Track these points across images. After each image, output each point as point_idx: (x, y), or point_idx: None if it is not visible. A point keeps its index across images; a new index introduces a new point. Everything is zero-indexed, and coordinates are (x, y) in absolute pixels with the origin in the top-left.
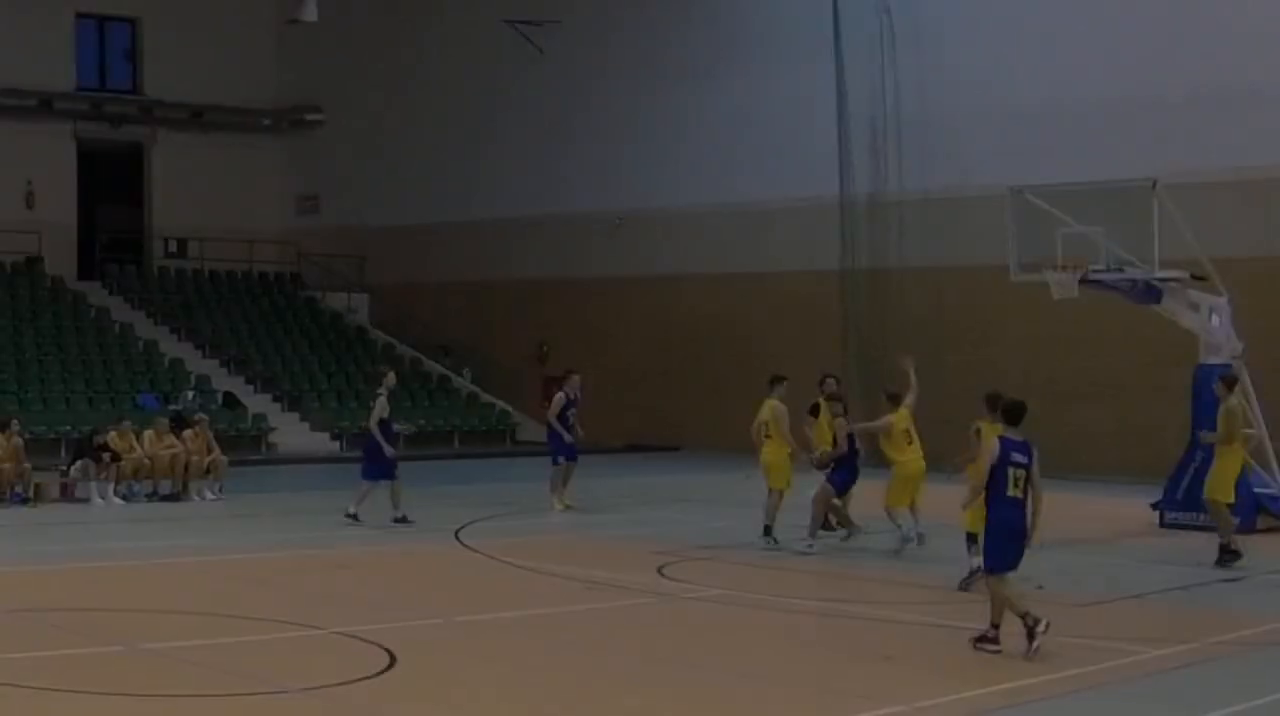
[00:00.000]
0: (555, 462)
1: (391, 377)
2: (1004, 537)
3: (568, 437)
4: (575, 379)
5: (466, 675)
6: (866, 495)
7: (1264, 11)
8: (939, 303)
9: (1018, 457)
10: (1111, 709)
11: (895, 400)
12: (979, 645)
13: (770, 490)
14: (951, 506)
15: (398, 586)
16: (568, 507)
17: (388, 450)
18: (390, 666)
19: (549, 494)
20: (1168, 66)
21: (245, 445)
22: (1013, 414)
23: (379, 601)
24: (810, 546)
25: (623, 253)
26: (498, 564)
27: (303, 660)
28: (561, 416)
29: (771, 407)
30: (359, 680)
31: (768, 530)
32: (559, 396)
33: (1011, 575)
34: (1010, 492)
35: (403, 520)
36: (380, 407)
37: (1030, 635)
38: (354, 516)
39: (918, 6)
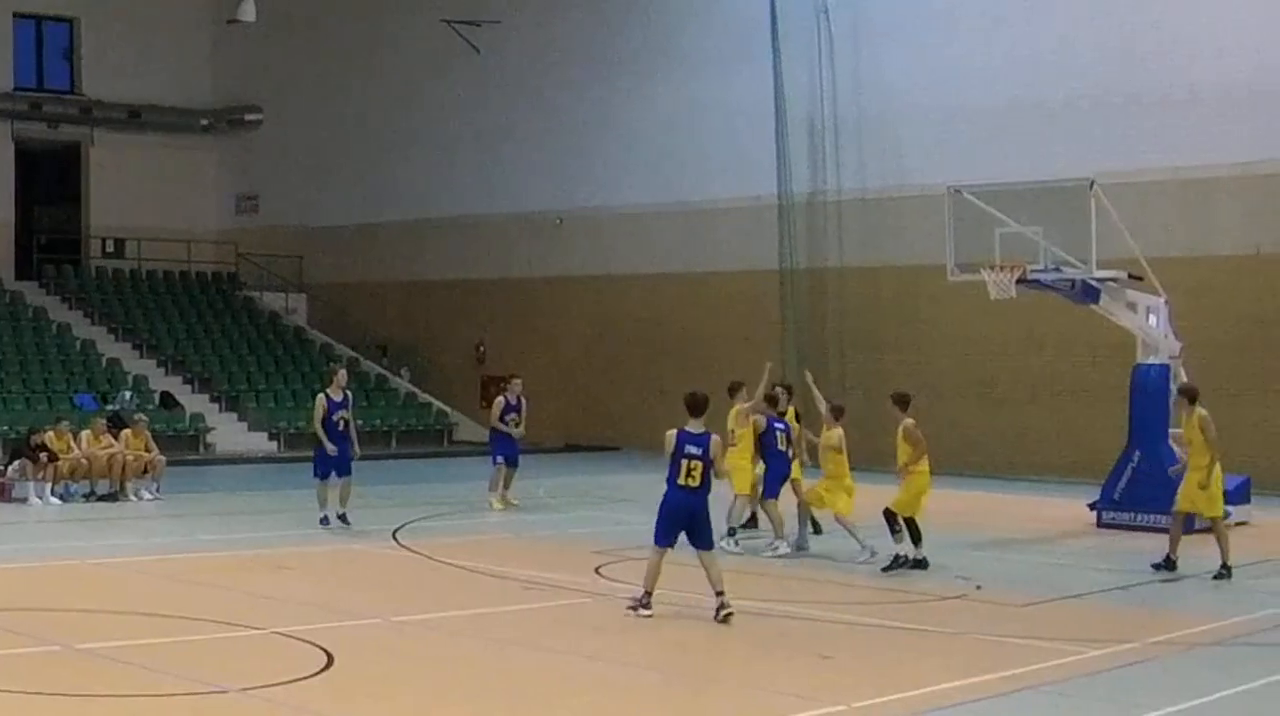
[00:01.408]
0: (494, 463)
1: (341, 375)
2: (666, 517)
3: (515, 434)
4: (516, 383)
5: (404, 675)
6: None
7: (1202, 14)
8: (877, 302)
9: (692, 450)
10: (1051, 709)
11: (838, 413)
12: (631, 610)
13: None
14: (883, 504)
15: (335, 586)
16: (507, 506)
17: (329, 447)
18: (328, 666)
19: (488, 493)
20: (1105, 67)
21: (183, 445)
22: (693, 407)
23: (317, 601)
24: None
25: (562, 252)
26: (435, 564)
27: (241, 660)
28: (501, 419)
29: (735, 414)
30: (297, 680)
31: (731, 531)
32: (499, 400)
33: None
34: (681, 481)
35: (341, 518)
36: (318, 405)
37: (639, 603)
38: (324, 520)
39: (856, 8)
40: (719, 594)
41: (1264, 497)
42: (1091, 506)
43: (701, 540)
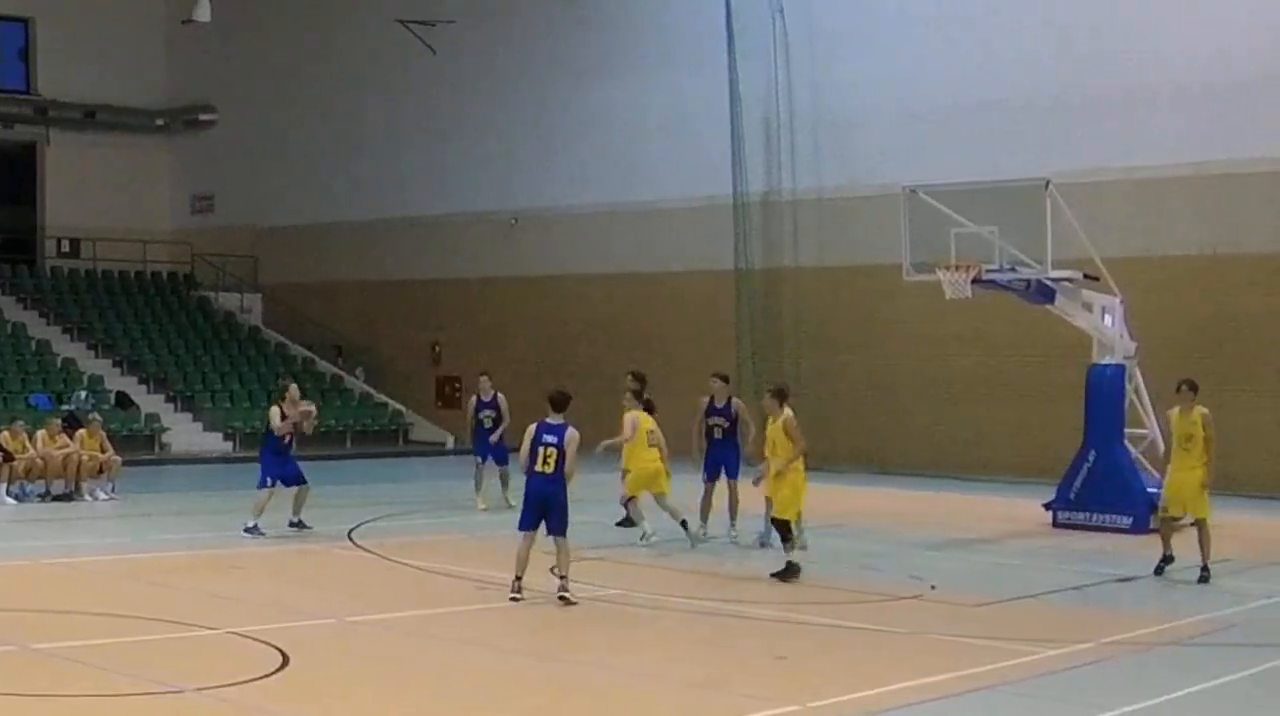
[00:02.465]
0: (477, 462)
1: (293, 389)
2: (526, 503)
3: (493, 437)
4: (483, 381)
5: (359, 675)
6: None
7: (1157, 15)
8: (832, 302)
9: (548, 438)
10: (1007, 709)
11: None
12: (512, 600)
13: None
14: (839, 503)
15: (291, 586)
16: (490, 505)
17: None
18: (283, 666)
19: (473, 492)
20: (1061, 68)
21: (138, 445)
22: (555, 403)
23: (272, 601)
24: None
25: (517, 252)
26: (390, 564)
27: (196, 660)
28: (476, 417)
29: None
30: (252, 680)
31: (684, 524)
32: (472, 399)
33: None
34: (538, 468)
35: (298, 525)
36: (272, 416)
37: (512, 589)
38: (297, 524)
39: (811, 8)
40: (561, 577)
41: (1219, 498)
42: (1047, 506)
43: (554, 525)
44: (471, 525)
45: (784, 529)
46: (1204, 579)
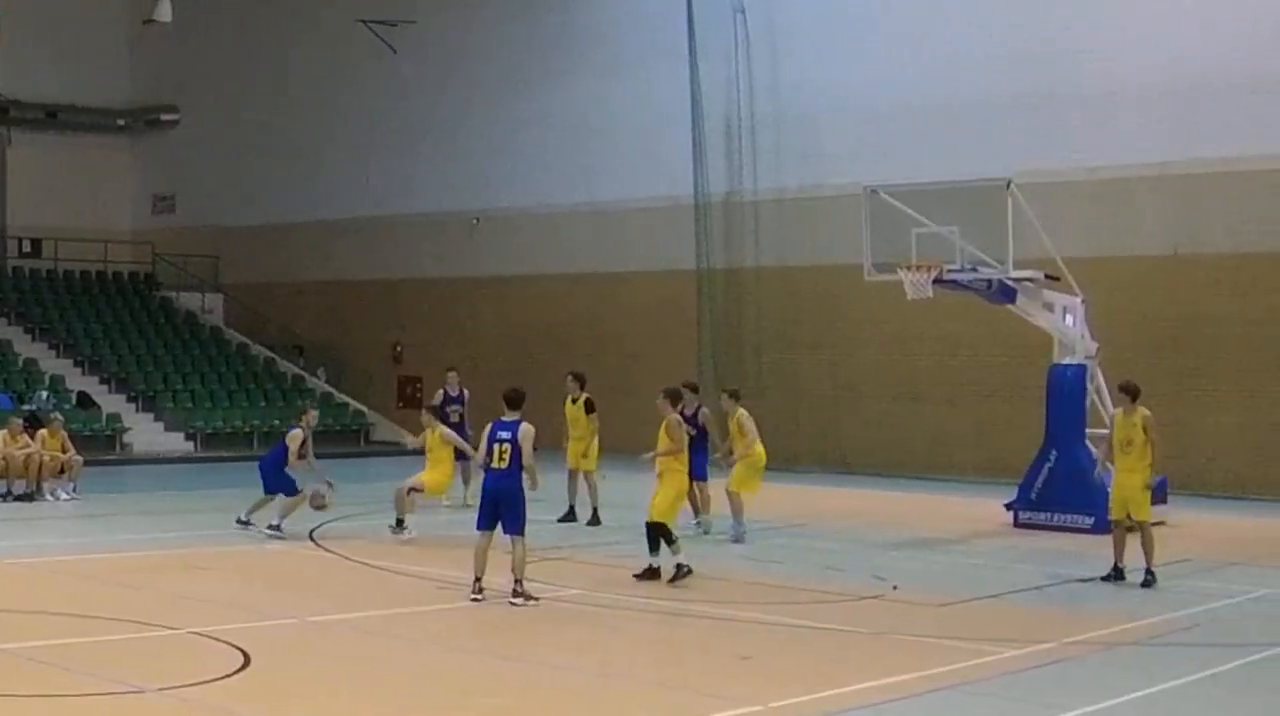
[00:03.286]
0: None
1: (312, 415)
2: (482, 501)
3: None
4: (450, 376)
5: (322, 675)
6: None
7: (1119, 15)
8: (795, 302)
9: (502, 434)
10: (968, 709)
11: (735, 396)
12: (472, 600)
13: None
14: (802, 503)
15: (252, 587)
16: (456, 505)
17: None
18: (245, 666)
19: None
20: (1022, 68)
21: (99, 445)
22: (510, 400)
23: (233, 601)
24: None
25: (479, 253)
26: (352, 564)
27: (158, 660)
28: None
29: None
30: (214, 680)
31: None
32: (438, 393)
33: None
34: (494, 464)
35: (275, 528)
36: (292, 443)
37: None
38: (245, 522)
39: (772, 8)
40: (516, 580)
41: (1181, 498)
42: (1008, 506)
43: (508, 524)
44: (433, 526)
45: (664, 533)
46: (1148, 582)
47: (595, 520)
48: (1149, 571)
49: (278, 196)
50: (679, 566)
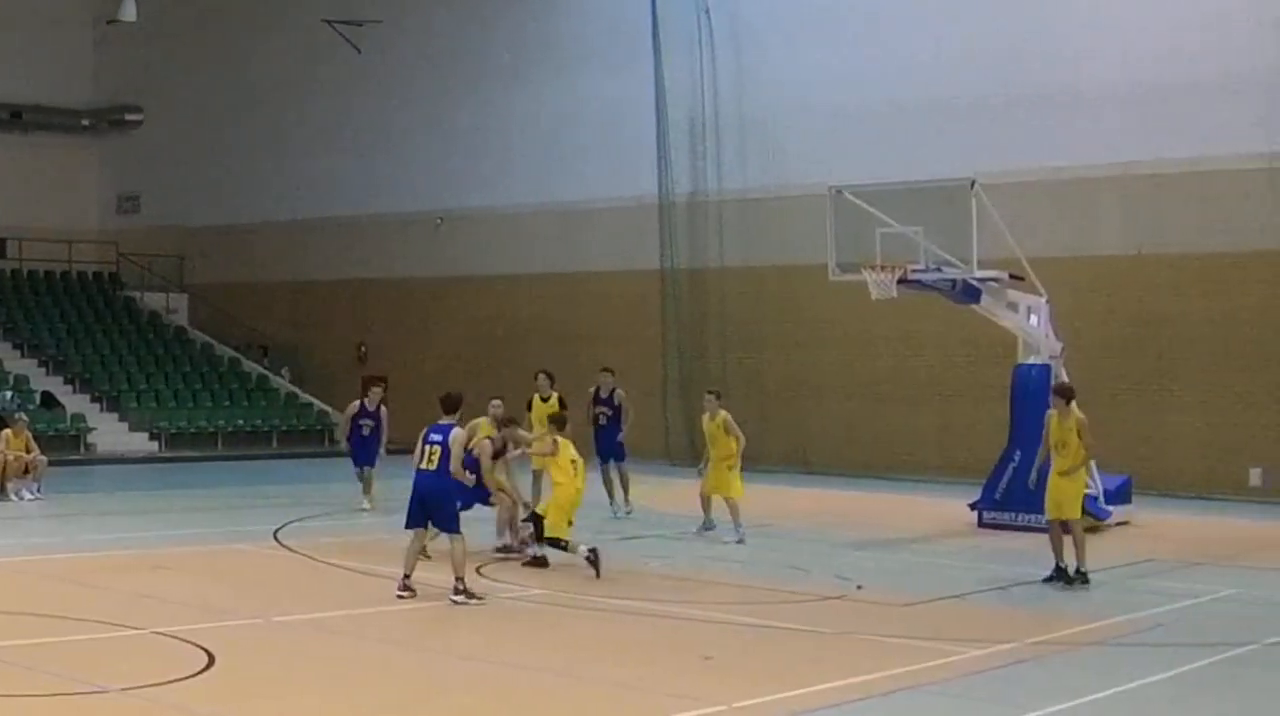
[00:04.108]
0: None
1: (374, 392)
2: (411, 500)
3: (376, 440)
4: (374, 392)
5: (286, 675)
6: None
7: (1082, 16)
8: (758, 302)
9: (434, 437)
10: (932, 709)
11: (718, 396)
12: (399, 596)
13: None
14: (766, 503)
15: (216, 586)
16: (366, 509)
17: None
18: (209, 666)
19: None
20: (986, 68)
21: (64, 445)
22: (445, 405)
23: (197, 601)
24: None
25: (443, 253)
26: (316, 564)
27: (122, 660)
28: (352, 425)
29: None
30: (178, 680)
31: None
32: (353, 403)
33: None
34: (422, 465)
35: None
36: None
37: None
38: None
39: (737, 7)
40: (457, 578)
41: (1144, 498)
42: (972, 506)
43: (441, 523)
44: (398, 525)
45: (556, 545)
46: (1081, 580)
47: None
48: (1079, 571)
49: (242, 196)
50: (539, 558)
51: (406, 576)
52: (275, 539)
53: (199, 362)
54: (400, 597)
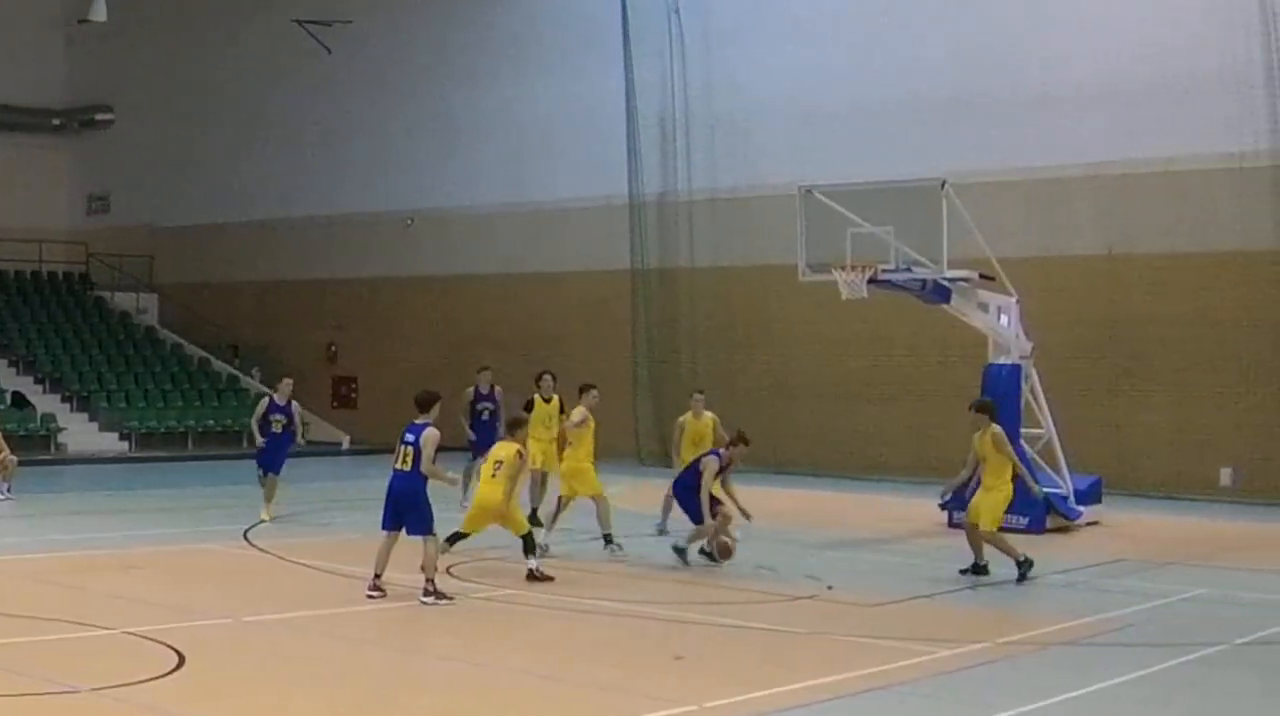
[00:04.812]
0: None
1: (284, 385)
2: (385, 501)
3: (260, 442)
4: (284, 384)
5: (256, 675)
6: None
7: (1053, 16)
8: (729, 302)
9: (408, 437)
10: (903, 709)
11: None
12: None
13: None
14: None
15: (186, 586)
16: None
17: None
18: (179, 666)
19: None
20: (957, 68)
21: (34, 445)
22: (419, 403)
23: (167, 601)
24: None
25: (414, 252)
26: (287, 564)
27: (92, 660)
28: (262, 421)
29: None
30: (148, 680)
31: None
32: (264, 400)
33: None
34: (397, 465)
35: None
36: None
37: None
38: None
39: (707, 8)
40: (427, 580)
41: (1114, 497)
42: (943, 506)
43: (412, 526)
44: (367, 525)
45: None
46: (978, 571)
47: (533, 520)
48: (977, 565)
49: (213, 196)
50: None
51: (377, 576)
52: (245, 539)
53: (169, 363)
54: (370, 597)
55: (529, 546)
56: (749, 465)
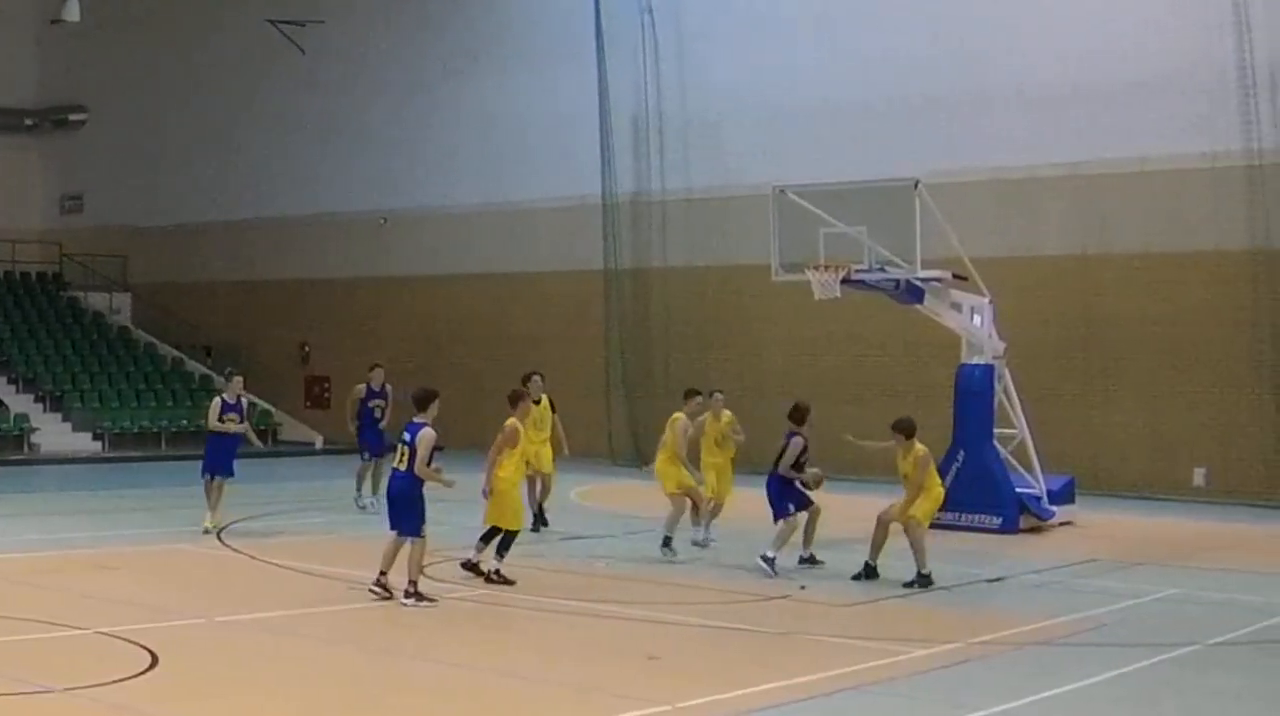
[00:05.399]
0: (202, 476)
1: (235, 382)
2: (387, 500)
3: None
4: (234, 382)
5: (229, 675)
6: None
7: (1027, 16)
8: (702, 302)
9: (405, 436)
10: (874, 709)
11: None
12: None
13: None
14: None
15: (159, 586)
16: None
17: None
18: (153, 666)
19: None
20: (930, 68)
21: (7, 445)
22: (416, 401)
23: (140, 601)
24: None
25: (386, 253)
26: (260, 564)
27: (65, 660)
28: (218, 421)
29: (674, 420)
30: (122, 680)
31: (667, 541)
32: (215, 401)
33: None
34: (395, 463)
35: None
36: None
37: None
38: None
39: (680, 8)
40: (410, 581)
41: (1087, 497)
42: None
43: (401, 525)
44: (341, 525)
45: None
46: (920, 583)
47: (540, 522)
48: (922, 573)
49: (186, 196)
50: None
51: (382, 574)
52: (219, 538)
53: (142, 363)
54: (372, 594)
55: (504, 544)
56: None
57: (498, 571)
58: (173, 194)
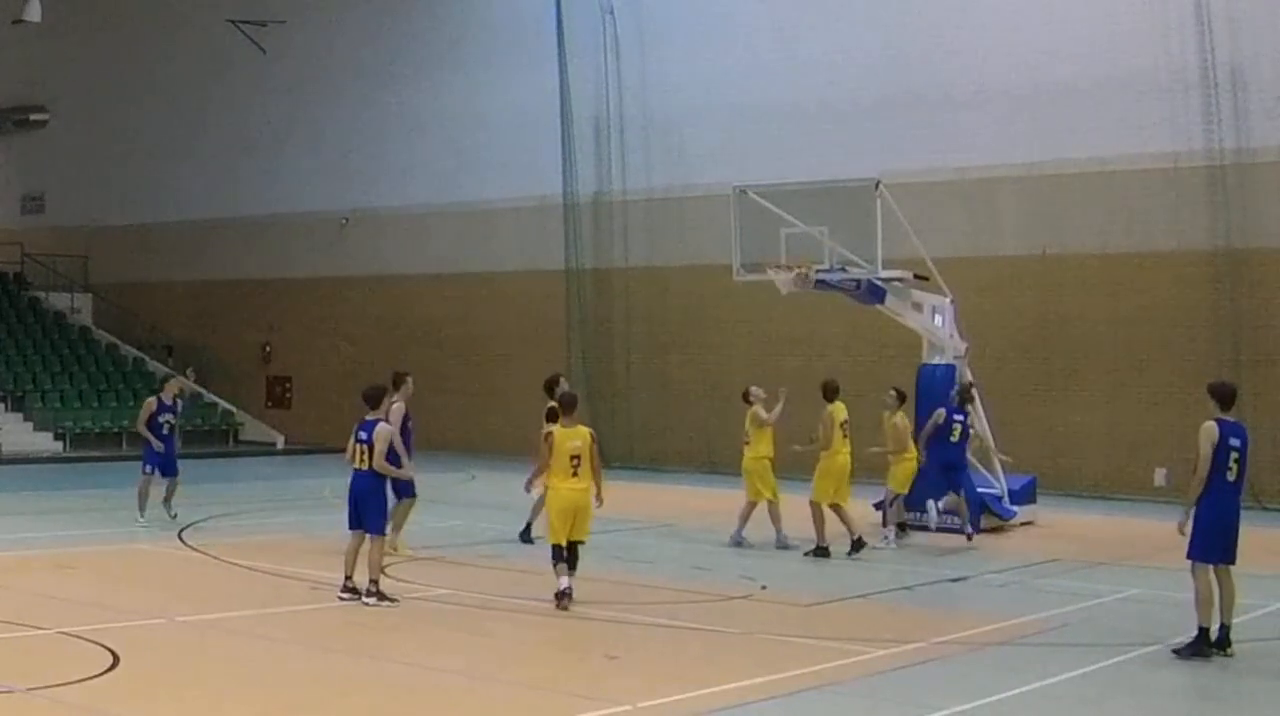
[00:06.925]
0: (143, 471)
1: (171, 383)
2: (348, 501)
3: (157, 446)
4: (172, 383)
5: (190, 675)
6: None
7: (986, 16)
8: (663, 302)
9: (361, 435)
10: (837, 709)
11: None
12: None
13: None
14: (670, 503)
15: (120, 586)
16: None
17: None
18: (114, 666)
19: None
20: (890, 68)
21: None
22: (366, 399)
23: (102, 601)
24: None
25: (348, 252)
26: (221, 564)
27: (26, 660)
28: (151, 422)
29: (752, 415)
30: (83, 680)
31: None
32: (150, 401)
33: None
34: (356, 463)
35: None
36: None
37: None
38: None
39: (641, 9)
40: (371, 580)
41: (1049, 498)
42: (878, 506)
43: (365, 523)
44: (304, 526)
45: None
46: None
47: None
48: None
49: (147, 196)
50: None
51: (348, 577)
52: (180, 538)
53: (104, 362)
54: (342, 600)
55: (574, 559)
56: (683, 464)
57: None
58: (134, 194)
